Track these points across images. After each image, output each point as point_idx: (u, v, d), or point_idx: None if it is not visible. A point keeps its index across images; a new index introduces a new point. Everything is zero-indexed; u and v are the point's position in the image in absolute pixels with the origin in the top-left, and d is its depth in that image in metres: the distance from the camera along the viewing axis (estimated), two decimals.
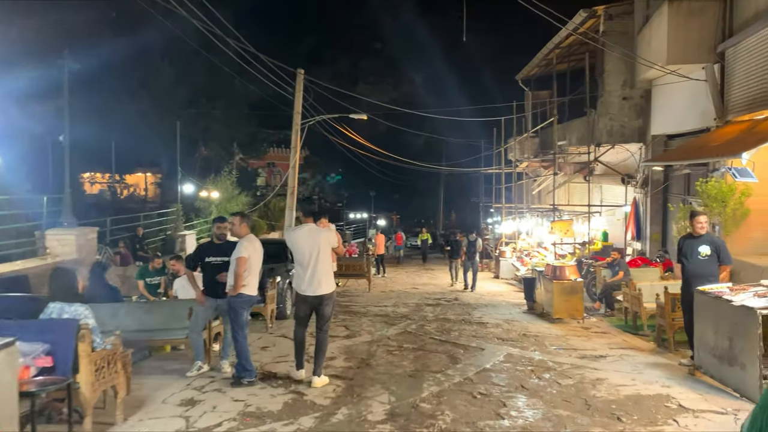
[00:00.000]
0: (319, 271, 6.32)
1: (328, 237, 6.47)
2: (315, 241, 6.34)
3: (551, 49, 18.55)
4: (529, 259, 17.19)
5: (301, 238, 6.43)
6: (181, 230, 15.98)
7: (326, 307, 6.47)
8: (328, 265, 6.45)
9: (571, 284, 10.41)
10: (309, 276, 6.33)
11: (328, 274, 6.44)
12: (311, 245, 6.33)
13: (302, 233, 6.49)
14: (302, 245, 6.39)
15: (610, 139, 15.17)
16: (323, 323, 6.51)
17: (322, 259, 6.33)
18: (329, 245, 6.45)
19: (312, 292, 6.36)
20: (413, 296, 14.65)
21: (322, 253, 6.35)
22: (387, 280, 18.73)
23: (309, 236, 6.40)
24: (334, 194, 48.38)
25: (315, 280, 6.33)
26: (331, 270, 6.58)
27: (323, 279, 6.36)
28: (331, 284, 6.49)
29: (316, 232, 6.43)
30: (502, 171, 23.39)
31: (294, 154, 21.53)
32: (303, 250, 6.37)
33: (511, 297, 14.67)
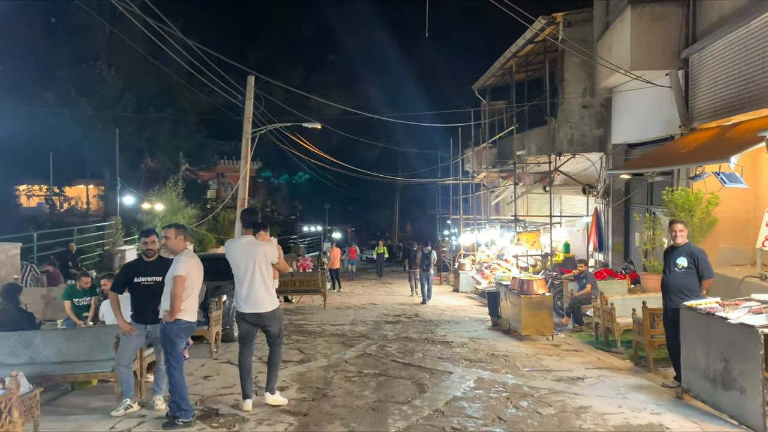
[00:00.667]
0: (257, 287, 5.85)
1: (267, 251, 5.95)
2: (251, 254, 5.87)
3: (509, 58, 18.21)
4: (489, 272, 16.63)
5: (238, 251, 5.96)
6: (120, 245, 14.73)
7: (270, 327, 6.01)
8: (267, 280, 5.94)
9: (540, 299, 9.79)
10: (245, 292, 5.90)
11: (266, 290, 5.93)
12: (247, 259, 5.87)
13: (239, 246, 6.02)
14: (238, 258, 5.93)
15: (571, 149, 14.80)
16: (273, 341, 6.10)
17: (259, 273, 5.86)
18: (268, 260, 5.94)
19: (250, 309, 5.91)
20: (371, 312, 13.82)
21: (259, 267, 5.87)
22: (343, 295, 17.85)
23: (246, 249, 5.93)
24: (287, 206, 47.17)
25: (252, 296, 5.87)
26: (271, 286, 6.03)
27: (261, 296, 5.87)
28: (271, 302, 5.97)
29: (253, 245, 5.94)
30: (460, 182, 22.90)
31: (244, 165, 20.47)
32: (239, 263, 5.92)
33: (473, 312, 14.03)
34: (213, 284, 9.99)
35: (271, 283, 6.01)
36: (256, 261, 5.85)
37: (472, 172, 23.59)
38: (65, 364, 6.25)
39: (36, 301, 9.20)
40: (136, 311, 6.03)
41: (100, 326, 6.96)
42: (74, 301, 8.48)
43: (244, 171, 20.51)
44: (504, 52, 18.07)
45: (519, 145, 17.52)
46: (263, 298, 5.88)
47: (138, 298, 6.02)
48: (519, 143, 17.52)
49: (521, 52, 17.47)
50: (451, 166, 24.51)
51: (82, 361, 6.33)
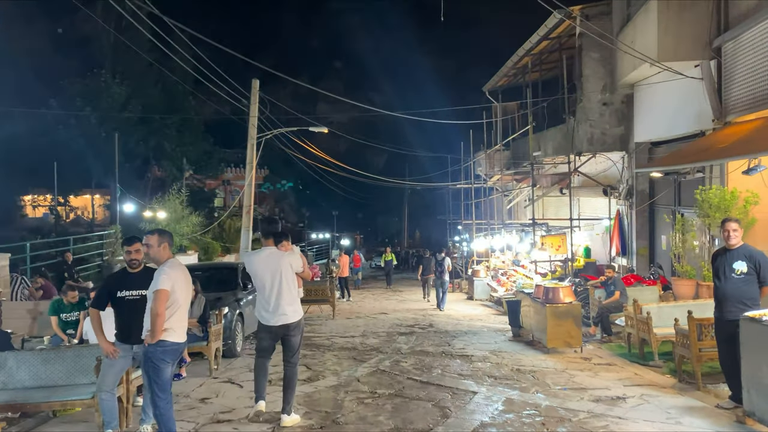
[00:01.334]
0: (284, 298, 5.71)
1: (292, 261, 5.85)
2: (276, 266, 5.74)
3: (522, 56, 17.43)
4: (506, 278, 15.80)
5: (261, 263, 5.80)
6: (119, 254, 14.03)
7: (293, 337, 5.85)
8: (293, 291, 5.83)
9: (567, 308, 8.96)
10: (273, 305, 5.72)
11: (293, 301, 5.82)
12: (273, 270, 5.73)
13: (262, 257, 5.85)
14: (262, 271, 5.77)
15: (591, 148, 13.97)
16: (291, 355, 5.86)
17: (285, 285, 5.73)
18: (293, 270, 5.84)
19: (276, 322, 5.73)
20: (383, 323, 13.02)
21: (286, 278, 5.74)
22: (352, 304, 17.05)
23: (270, 261, 5.78)
24: (295, 214, 46.50)
25: (279, 308, 5.70)
26: (297, 296, 5.92)
27: (288, 307, 5.74)
28: (297, 312, 5.86)
29: (277, 255, 5.81)
30: (471, 186, 22.09)
31: (249, 171, 19.78)
32: (263, 276, 5.75)
33: (490, 321, 13.20)
34: (214, 296, 9.27)
35: (296, 293, 5.90)
36: (282, 272, 5.71)
37: (484, 175, 22.81)
38: (41, 390, 5.50)
39: (22, 316, 8.50)
40: (120, 330, 5.29)
41: (82, 346, 6.19)
42: (61, 317, 7.75)
43: (249, 177, 19.82)
44: (517, 51, 17.30)
45: (535, 145, 16.72)
46: (290, 310, 5.75)
47: (122, 315, 5.27)
48: (535, 144, 16.71)
49: (535, 49, 16.69)
50: (462, 170, 23.72)
51: (60, 386, 5.58)
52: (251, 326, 10.09)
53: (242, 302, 9.68)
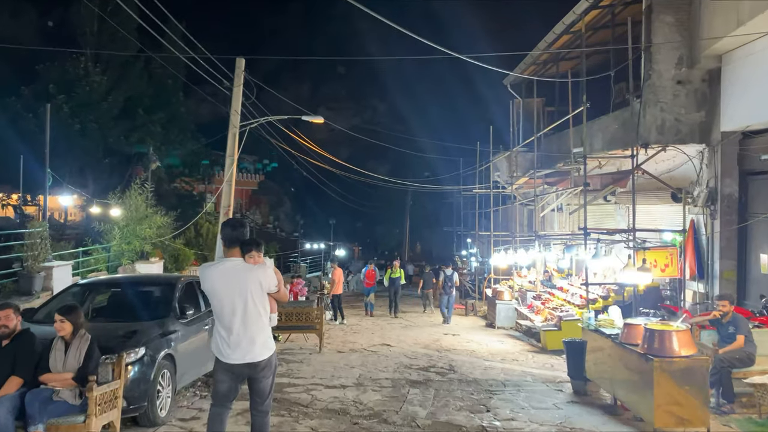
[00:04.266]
0: (251, 327, 4.13)
1: (262, 277, 4.19)
2: (242, 283, 4.13)
3: (560, 34, 13.98)
4: (539, 303, 12.25)
5: (221, 280, 4.16)
6: (44, 260, 10.54)
7: (263, 380, 4.25)
8: (263, 317, 4.20)
9: (688, 365, 5.44)
10: (235, 336, 4.11)
11: (263, 331, 4.20)
12: (235, 291, 4.12)
13: (222, 272, 4.20)
14: (221, 290, 4.15)
15: (661, 138, 10.47)
16: (261, 402, 4.30)
17: (253, 309, 4.14)
18: (264, 289, 4.21)
19: (239, 359, 4.13)
20: (386, 361, 9.46)
21: (254, 300, 4.14)
22: (346, 330, 13.46)
23: (233, 277, 4.15)
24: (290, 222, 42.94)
25: (244, 341, 4.12)
26: (267, 325, 4.26)
27: (257, 338, 4.16)
28: (268, 345, 4.25)
29: (243, 270, 4.18)
30: (491, 192, 18.59)
31: (230, 165, 16.29)
32: (223, 296, 4.14)
33: (529, 362, 9.64)
34: (125, 328, 5.73)
35: (268, 320, 4.27)
36: (249, 292, 4.13)
37: (503, 181, 19.33)
38: None
39: None
40: None
41: None
42: None
43: (229, 173, 16.31)
44: (554, 28, 13.87)
45: (575, 141, 13.29)
46: (259, 343, 4.16)
47: None
48: (576, 139, 13.29)
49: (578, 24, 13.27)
50: (477, 174, 20.23)
51: None
52: (190, 372, 6.56)
53: (173, 338, 6.12)
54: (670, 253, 8.81)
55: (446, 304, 14.64)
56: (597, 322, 6.89)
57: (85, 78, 26.08)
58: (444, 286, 14.85)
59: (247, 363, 4.15)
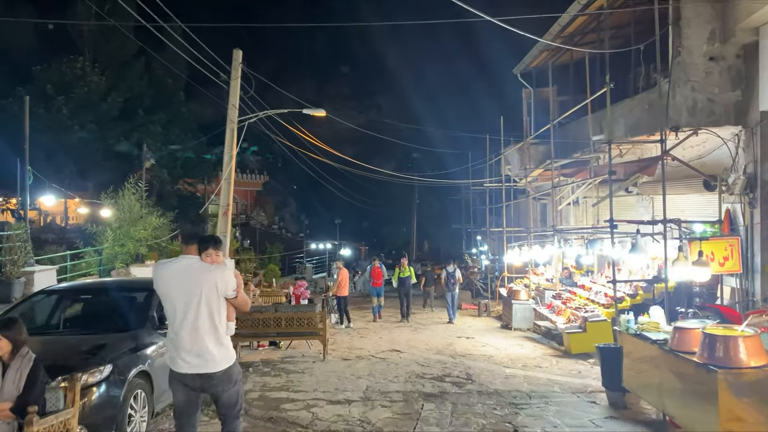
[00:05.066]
0: (203, 334, 3.68)
1: (220, 279, 3.71)
2: (195, 285, 3.68)
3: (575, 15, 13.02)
4: (560, 303, 11.30)
5: (173, 279, 3.75)
6: (24, 265, 9.68)
7: (223, 393, 3.78)
8: (218, 324, 3.74)
9: (759, 378, 4.50)
10: (185, 343, 3.67)
11: (218, 339, 3.75)
12: (189, 292, 3.69)
13: (175, 272, 3.78)
14: (174, 291, 3.73)
15: (692, 120, 9.50)
16: (228, 414, 3.85)
17: (206, 314, 3.69)
18: (220, 292, 3.72)
19: (192, 369, 3.68)
20: (396, 370, 8.55)
21: (208, 303, 3.69)
22: (353, 335, 12.54)
23: (186, 277, 3.72)
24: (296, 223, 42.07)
25: (195, 349, 3.67)
26: (224, 333, 3.77)
27: (209, 348, 3.69)
28: (225, 356, 3.77)
29: (198, 270, 3.73)
30: (502, 186, 17.64)
31: (228, 162, 15.42)
32: (175, 299, 3.72)
33: (554, 369, 8.70)
34: (92, 342, 4.85)
35: (224, 328, 3.78)
36: (203, 295, 3.68)
37: (514, 175, 18.38)
38: None
39: None
40: None
41: None
42: None
43: (227, 170, 15.45)
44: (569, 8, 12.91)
45: (595, 128, 12.35)
46: (212, 352, 3.69)
47: None
48: (595, 126, 12.35)
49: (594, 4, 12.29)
50: (487, 168, 19.28)
51: None
52: None
53: (150, 352, 5.24)
54: (730, 245, 7.81)
55: (450, 301, 14.25)
56: (639, 326, 5.96)
57: (83, 78, 25.33)
58: (446, 284, 14.48)
59: (199, 374, 3.72)
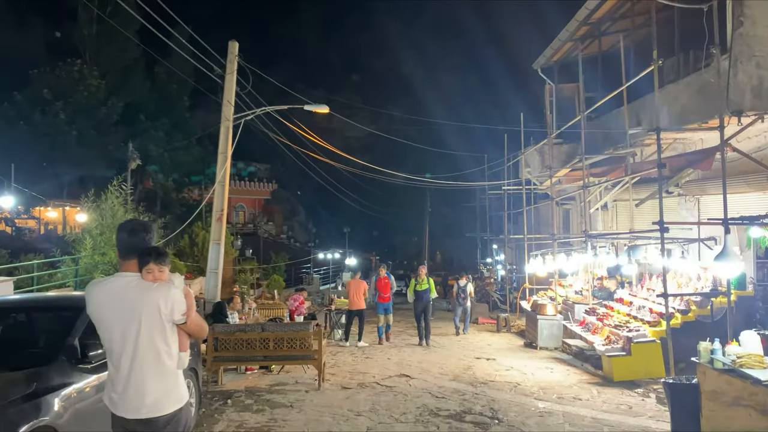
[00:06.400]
0: (145, 370, 2.89)
1: (162, 302, 2.90)
2: (133, 308, 2.89)
3: None
4: (595, 319, 9.68)
5: (107, 303, 2.94)
6: None
7: None
8: (164, 357, 2.93)
9: None
10: (123, 380, 2.89)
11: (162, 376, 2.92)
12: (126, 317, 2.89)
13: (108, 292, 2.96)
14: (108, 316, 2.93)
15: (758, 103, 7.94)
16: None
17: (148, 345, 2.89)
18: (165, 318, 2.91)
19: (130, 413, 2.89)
20: (404, 404, 7.00)
21: (149, 332, 2.89)
22: (356, 354, 10.98)
23: (122, 299, 2.92)
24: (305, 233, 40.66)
25: (132, 387, 2.88)
26: (172, 368, 2.97)
27: (151, 386, 2.89)
28: (172, 397, 2.94)
29: (139, 291, 2.92)
30: (522, 189, 16.06)
31: (222, 163, 14.06)
32: (110, 326, 2.93)
33: (595, 400, 7.09)
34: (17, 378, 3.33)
35: (173, 360, 2.97)
36: (142, 321, 2.87)
37: (534, 178, 16.80)
38: None
39: None
40: None
41: None
42: None
43: (222, 172, 14.09)
44: None
45: (632, 120, 10.78)
46: (156, 392, 2.89)
47: None
48: (632, 117, 10.79)
49: None
50: (506, 171, 17.70)
51: None
52: None
53: (60, 399, 3.73)
54: None
55: (460, 315, 13.64)
56: (736, 359, 4.38)
57: (82, 82, 24.18)
58: (457, 297, 13.72)
59: (139, 419, 2.89)
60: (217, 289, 13.16)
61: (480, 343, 12.17)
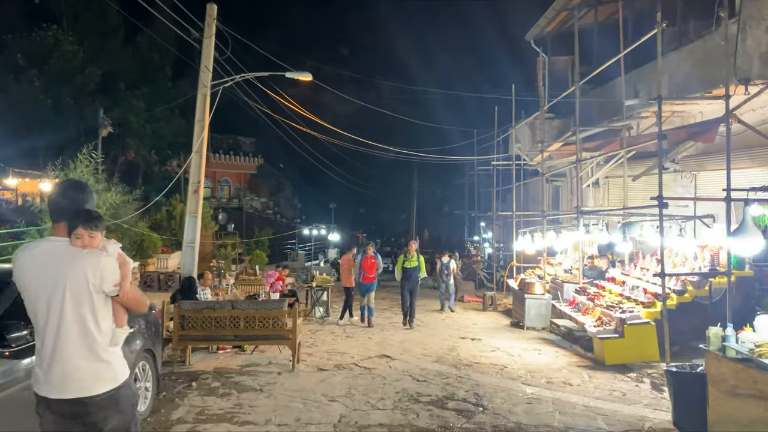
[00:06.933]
0: (69, 345, 2.56)
1: (91, 270, 2.58)
2: (59, 277, 2.57)
3: None
4: (587, 300, 9.20)
5: (31, 270, 2.62)
6: None
7: (105, 426, 2.59)
8: (95, 332, 2.60)
9: None
10: (48, 356, 2.57)
11: (93, 351, 2.59)
12: (51, 286, 2.57)
13: (34, 258, 2.65)
14: (32, 285, 2.61)
15: (767, 71, 7.39)
16: None
17: (73, 318, 2.56)
18: (95, 289, 2.59)
19: (54, 392, 2.56)
20: (383, 388, 6.49)
21: (74, 305, 2.56)
22: (337, 332, 10.46)
23: (48, 267, 2.61)
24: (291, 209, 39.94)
25: (58, 363, 2.56)
26: (104, 343, 2.63)
27: (82, 362, 2.57)
28: (106, 375, 2.62)
29: (65, 257, 2.61)
30: (512, 164, 15.49)
31: (200, 132, 13.36)
32: (35, 296, 2.61)
33: (586, 386, 6.62)
34: None
35: (106, 337, 2.64)
36: (67, 291, 2.54)
37: (524, 154, 16.23)
38: None
39: None
40: None
41: None
42: None
43: (198, 142, 13.38)
44: None
45: (629, 91, 10.20)
46: (85, 370, 2.56)
47: None
48: (629, 88, 10.20)
49: None
50: (495, 145, 17.09)
51: None
52: None
53: None
54: None
55: (444, 292, 13.61)
56: (756, 348, 3.87)
57: (58, 48, 23.11)
58: (441, 274, 13.72)
59: (68, 400, 2.53)
60: (194, 264, 12.57)
61: (465, 322, 11.70)
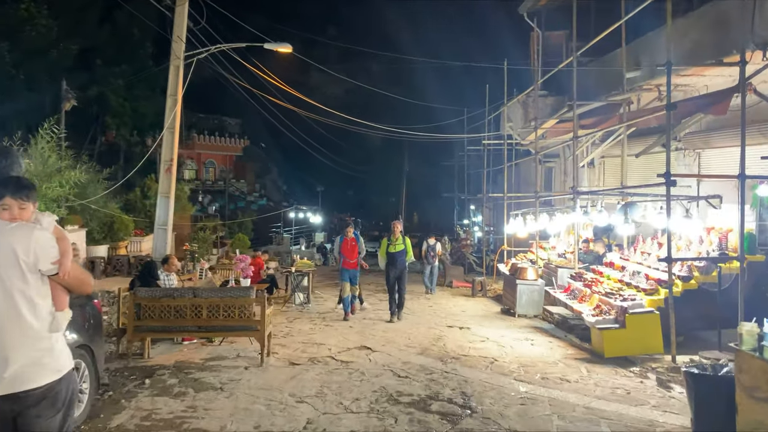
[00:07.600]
0: (3, 331, 2.33)
1: (22, 247, 2.37)
2: None
3: None
4: (581, 285, 8.52)
5: None
6: None
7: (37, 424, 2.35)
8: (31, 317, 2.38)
9: None
10: None
11: (30, 338, 2.38)
12: None
13: None
14: None
15: None
16: None
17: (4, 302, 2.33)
18: (28, 268, 2.37)
19: None
20: (359, 386, 5.78)
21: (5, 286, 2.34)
22: (316, 321, 9.73)
23: None
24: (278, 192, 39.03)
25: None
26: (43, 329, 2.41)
27: (17, 353, 2.33)
28: (45, 366, 2.39)
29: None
30: (504, 144, 14.73)
31: (172, 107, 12.53)
32: None
33: (586, 382, 5.94)
34: None
35: (41, 320, 2.40)
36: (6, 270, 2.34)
37: (515, 133, 15.47)
38: None
39: None
40: None
41: None
42: None
43: (171, 117, 12.55)
44: None
45: (630, 62, 9.43)
46: (20, 359, 2.33)
47: None
48: (630, 59, 9.44)
49: None
50: (486, 124, 16.30)
51: None
52: None
53: None
54: None
55: (428, 275, 13.47)
56: None
57: (30, 22, 21.93)
58: (426, 257, 13.55)
59: (5, 395, 2.26)
60: (167, 247, 11.78)
61: (453, 309, 11.02)
